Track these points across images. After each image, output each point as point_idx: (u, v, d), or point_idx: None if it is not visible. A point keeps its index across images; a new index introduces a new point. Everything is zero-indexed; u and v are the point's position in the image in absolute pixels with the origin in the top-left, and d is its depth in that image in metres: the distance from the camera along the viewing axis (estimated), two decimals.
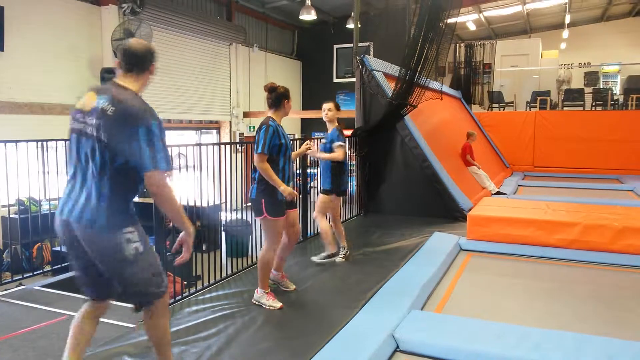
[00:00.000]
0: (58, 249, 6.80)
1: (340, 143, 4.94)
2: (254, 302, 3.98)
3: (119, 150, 2.32)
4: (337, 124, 5.07)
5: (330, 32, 14.24)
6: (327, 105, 5.02)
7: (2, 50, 7.32)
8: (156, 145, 2.31)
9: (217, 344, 3.22)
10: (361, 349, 3.14)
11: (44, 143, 4.90)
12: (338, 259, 5.15)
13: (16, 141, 4.49)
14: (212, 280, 4.49)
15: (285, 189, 3.80)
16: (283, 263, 4.33)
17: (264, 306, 3.90)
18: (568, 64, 16.36)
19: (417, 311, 3.82)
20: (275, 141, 3.82)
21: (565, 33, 17.14)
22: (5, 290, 4.38)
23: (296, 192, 4.04)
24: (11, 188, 4.62)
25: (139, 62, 2.49)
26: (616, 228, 5.47)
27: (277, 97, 3.96)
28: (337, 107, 5.07)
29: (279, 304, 3.91)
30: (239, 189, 5.40)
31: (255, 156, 3.80)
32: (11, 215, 7.16)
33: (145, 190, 2.40)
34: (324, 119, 5.07)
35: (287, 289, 4.28)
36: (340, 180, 5.10)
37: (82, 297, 4.10)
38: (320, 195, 5.13)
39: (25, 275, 4.82)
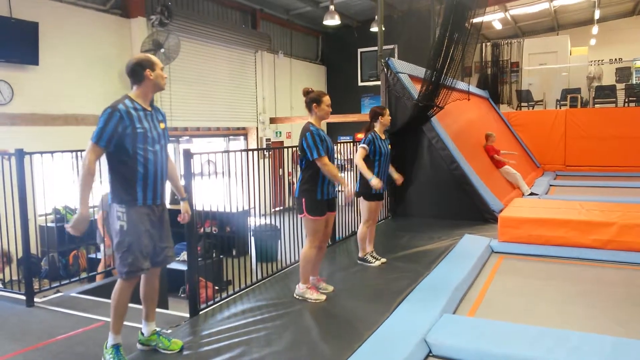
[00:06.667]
0: (93, 256, 6.98)
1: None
2: (297, 296, 4.16)
3: None
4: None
5: (354, 36, 14.25)
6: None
7: (37, 64, 7.57)
8: None
9: (249, 350, 3.24)
10: (393, 354, 3.12)
11: (79, 153, 5.02)
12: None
13: (52, 152, 4.64)
14: (242, 285, 4.53)
15: (343, 182, 3.97)
16: (318, 266, 4.37)
17: (309, 300, 4.08)
18: (598, 60, 15.95)
19: (449, 315, 3.77)
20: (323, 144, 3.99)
21: (595, 29, 16.72)
22: (44, 297, 4.51)
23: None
24: (48, 197, 4.77)
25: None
26: None
27: (306, 102, 4.15)
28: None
29: (323, 297, 4.12)
30: (267, 194, 5.44)
31: (317, 162, 3.92)
32: (48, 224, 7.40)
33: (176, 197, 2.51)
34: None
35: (325, 291, 4.31)
36: None
37: None
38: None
39: (62, 282, 4.94)
